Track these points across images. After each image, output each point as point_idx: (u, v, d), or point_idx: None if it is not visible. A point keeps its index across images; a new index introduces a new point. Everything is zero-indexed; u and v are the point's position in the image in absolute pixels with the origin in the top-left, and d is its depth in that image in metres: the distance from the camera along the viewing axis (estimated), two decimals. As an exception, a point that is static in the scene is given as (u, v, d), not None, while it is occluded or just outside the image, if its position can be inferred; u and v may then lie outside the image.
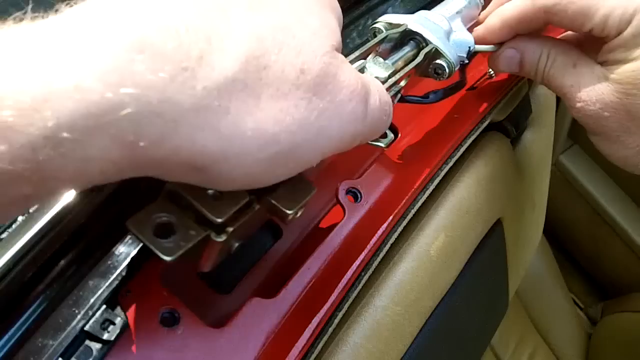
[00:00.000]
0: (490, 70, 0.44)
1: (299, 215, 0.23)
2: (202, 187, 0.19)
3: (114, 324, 0.24)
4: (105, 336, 0.24)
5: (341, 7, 0.24)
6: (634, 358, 1.07)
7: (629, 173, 0.36)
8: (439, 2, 0.38)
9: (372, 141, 0.32)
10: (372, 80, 0.23)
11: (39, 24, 0.15)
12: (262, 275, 0.32)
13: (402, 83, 0.31)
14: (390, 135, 0.30)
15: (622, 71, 0.31)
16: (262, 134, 0.17)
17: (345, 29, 0.42)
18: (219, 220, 0.20)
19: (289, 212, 0.22)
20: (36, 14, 0.16)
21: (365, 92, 0.21)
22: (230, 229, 0.20)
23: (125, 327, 0.25)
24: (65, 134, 0.14)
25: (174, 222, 0.20)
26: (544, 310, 1.16)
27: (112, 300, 0.25)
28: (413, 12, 0.46)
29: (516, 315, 1.11)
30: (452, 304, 0.43)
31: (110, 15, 0.16)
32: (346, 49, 0.38)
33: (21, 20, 0.15)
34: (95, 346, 0.24)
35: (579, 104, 0.33)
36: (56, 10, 0.16)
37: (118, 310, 0.25)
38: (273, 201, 0.22)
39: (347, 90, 0.20)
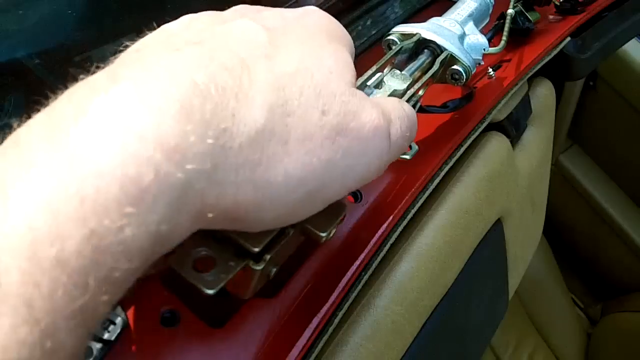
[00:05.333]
0: (490, 70, 0.44)
1: (332, 235, 0.23)
2: None
3: (114, 323, 0.24)
4: (106, 336, 0.24)
5: (341, 7, 0.24)
6: (634, 358, 1.07)
7: (629, 173, 0.36)
8: (439, 2, 0.38)
9: None
10: (393, 106, 0.23)
11: (82, 119, 0.14)
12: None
13: (421, 92, 0.31)
14: (415, 147, 0.30)
15: None
16: (292, 179, 0.18)
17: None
18: (256, 249, 0.20)
19: (322, 234, 0.22)
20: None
21: (387, 124, 0.21)
22: (268, 257, 0.21)
23: (125, 327, 0.25)
24: (163, 227, 0.14)
25: (213, 256, 0.20)
26: (544, 310, 1.16)
27: (113, 300, 0.25)
28: (413, 13, 0.47)
29: (516, 315, 1.11)
30: (452, 304, 0.43)
31: (146, 87, 0.15)
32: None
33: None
34: (96, 346, 0.24)
35: None
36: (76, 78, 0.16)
37: (118, 310, 0.25)
38: (307, 225, 0.22)
39: (369, 125, 0.20)
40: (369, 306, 0.35)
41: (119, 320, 0.25)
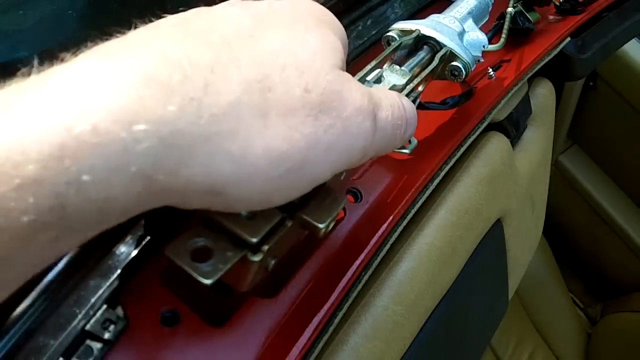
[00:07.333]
0: (490, 70, 0.44)
1: (330, 228, 0.23)
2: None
3: (114, 323, 0.24)
4: (106, 336, 0.24)
5: (341, 8, 0.24)
6: (633, 358, 1.07)
7: (628, 173, 0.36)
8: (438, 2, 0.38)
9: (396, 149, 0.32)
10: (386, 95, 0.23)
11: (45, 76, 0.15)
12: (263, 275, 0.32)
13: (420, 88, 0.31)
14: (414, 142, 0.30)
15: None
16: (272, 152, 0.18)
17: (345, 29, 0.42)
18: (254, 240, 0.20)
19: (320, 225, 0.22)
20: (42, 67, 0.16)
21: (373, 108, 0.21)
22: (266, 248, 0.21)
23: (126, 326, 0.25)
24: (85, 177, 0.14)
25: (210, 246, 0.20)
26: (544, 310, 1.16)
27: (113, 300, 0.25)
28: (413, 13, 0.47)
29: (516, 315, 1.11)
30: (452, 304, 0.43)
31: (115, 57, 0.16)
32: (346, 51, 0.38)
33: (28, 74, 0.15)
34: (96, 346, 0.24)
35: None
36: (62, 59, 0.16)
37: (119, 310, 0.25)
38: (304, 216, 0.22)
39: (352, 106, 0.20)
40: (369, 306, 0.35)
41: (119, 320, 0.25)
